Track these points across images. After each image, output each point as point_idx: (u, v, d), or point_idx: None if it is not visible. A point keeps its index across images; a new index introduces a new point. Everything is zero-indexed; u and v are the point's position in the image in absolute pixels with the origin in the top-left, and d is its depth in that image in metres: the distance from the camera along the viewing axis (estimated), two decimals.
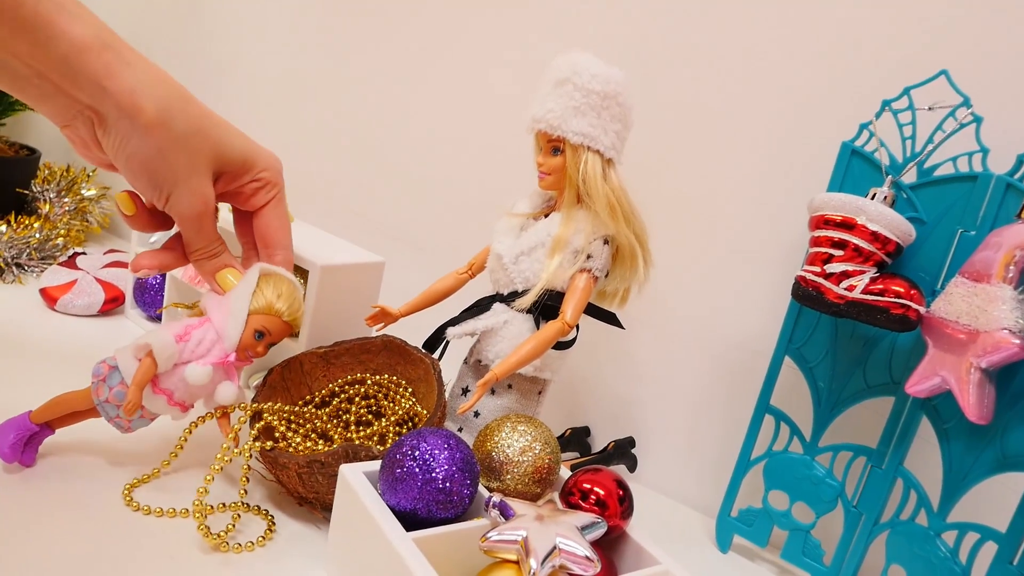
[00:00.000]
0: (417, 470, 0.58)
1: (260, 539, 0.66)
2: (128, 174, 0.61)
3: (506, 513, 0.59)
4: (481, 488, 0.64)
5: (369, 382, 0.82)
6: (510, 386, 0.78)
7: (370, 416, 0.83)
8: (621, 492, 0.63)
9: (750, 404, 0.86)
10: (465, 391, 0.81)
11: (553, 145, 0.74)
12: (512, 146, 1.02)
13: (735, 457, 0.85)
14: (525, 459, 0.65)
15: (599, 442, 0.99)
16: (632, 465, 0.95)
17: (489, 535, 0.55)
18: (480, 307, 0.79)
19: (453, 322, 0.79)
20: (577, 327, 0.75)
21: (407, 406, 0.81)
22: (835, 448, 0.78)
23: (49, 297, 1.06)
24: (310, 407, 0.81)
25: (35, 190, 1.28)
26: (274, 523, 0.69)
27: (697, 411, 0.94)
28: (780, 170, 0.86)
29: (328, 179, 1.21)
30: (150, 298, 1.06)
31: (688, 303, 0.93)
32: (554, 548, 0.54)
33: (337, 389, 0.83)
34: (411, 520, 0.59)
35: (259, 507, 0.71)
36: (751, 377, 0.87)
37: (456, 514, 0.60)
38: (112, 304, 1.09)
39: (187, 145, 0.61)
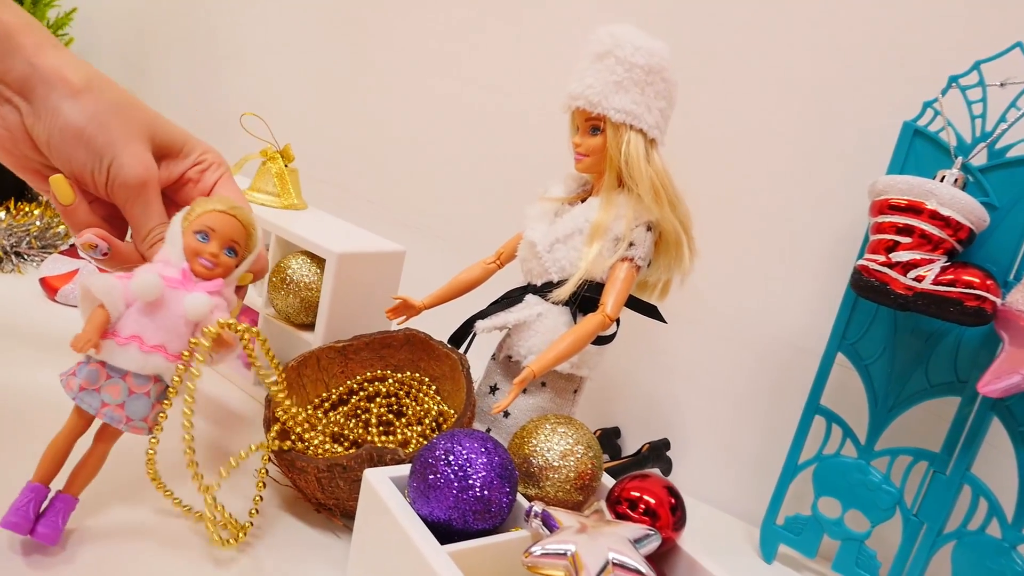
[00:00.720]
0: (452, 476, 0.53)
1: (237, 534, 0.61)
2: (64, 149, 0.58)
3: (549, 524, 0.53)
4: (519, 496, 0.58)
5: (390, 380, 0.76)
6: (544, 384, 0.72)
7: (390, 416, 0.77)
8: (673, 501, 0.57)
9: (795, 404, 0.81)
10: (494, 389, 0.75)
11: (592, 124, 0.68)
12: (536, 130, 0.96)
13: (779, 461, 0.80)
14: (567, 464, 0.60)
15: (630, 444, 0.93)
16: (667, 469, 0.90)
17: (533, 549, 0.50)
18: (511, 299, 0.73)
19: (482, 315, 0.74)
20: (617, 321, 0.70)
21: (431, 406, 0.75)
22: (893, 452, 0.73)
23: (49, 287, 1.01)
24: (325, 406, 0.76)
25: None
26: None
27: (737, 411, 0.88)
28: (827, 155, 0.81)
29: (341, 166, 1.16)
30: None
31: (727, 295, 0.87)
32: (607, 564, 0.49)
33: (355, 386, 0.78)
34: (444, 531, 0.53)
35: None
36: (795, 375, 0.82)
37: (493, 525, 0.55)
38: None
39: (120, 113, 0.59)
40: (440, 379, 0.77)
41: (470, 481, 0.53)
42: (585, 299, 0.70)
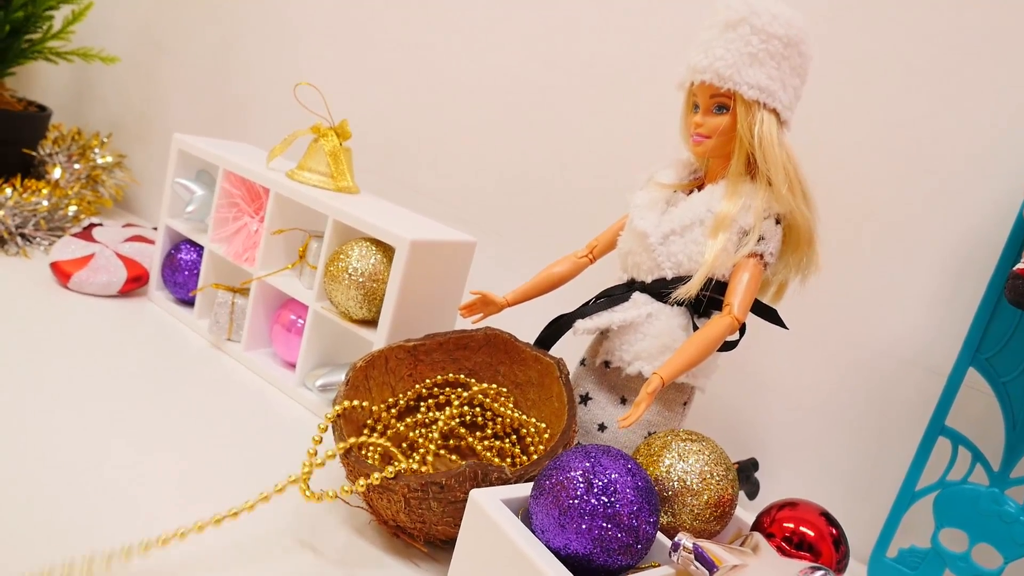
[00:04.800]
0: (596, 503, 0.44)
1: None
2: None
3: (705, 561, 0.45)
4: None
5: (475, 388, 0.67)
6: None
7: (462, 429, 0.68)
8: (834, 532, 0.49)
9: (906, 424, 0.74)
10: (585, 399, 0.67)
11: (718, 101, 0.60)
12: (607, 118, 0.88)
13: (888, 486, 0.72)
14: (705, 488, 0.51)
15: None
16: (753, 492, 0.81)
17: None
18: (613, 297, 0.65)
19: (581, 313, 0.65)
20: (744, 326, 0.61)
21: (513, 417, 0.66)
22: None
23: (61, 273, 0.90)
24: (392, 412, 0.67)
25: (43, 152, 1.11)
26: None
27: (835, 430, 0.80)
28: (953, 149, 0.73)
29: (388, 152, 1.06)
30: (182, 279, 0.91)
31: (827, 302, 0.79)
32: None
33: (425, 392, 0.69)
34: (577, 567, 0.45)
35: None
36: (906, 392, 0.74)
37: (636, 560, 0.46)
38: (135, 284, 0.93)
39: None
40: (525, 386, 0.68)
41: (617, 508, 0.44)
42: (701, 300, 0.62)
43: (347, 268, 0.71)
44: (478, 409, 0.69)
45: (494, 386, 0.68)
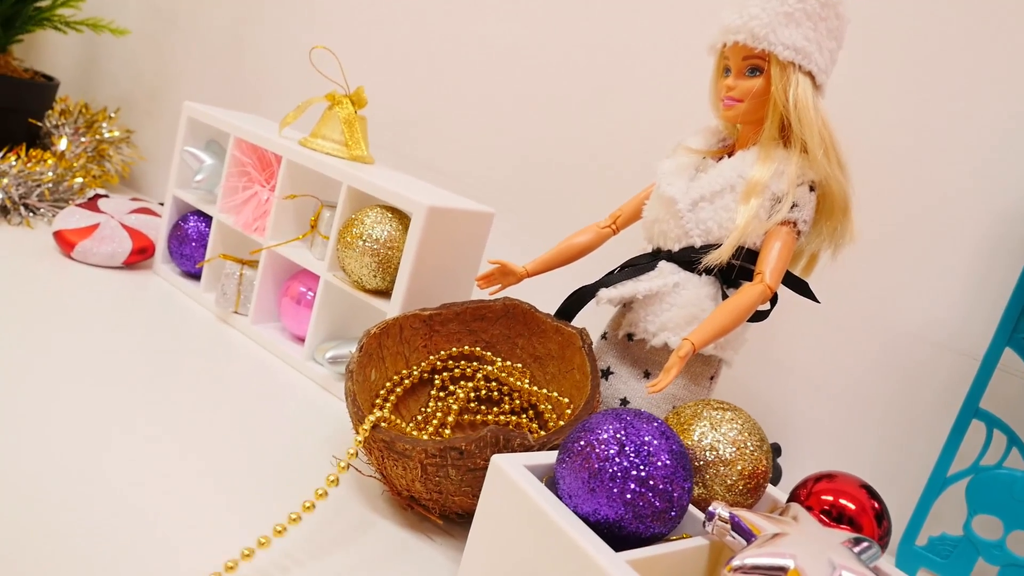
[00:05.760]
0: (628, 465, 0.42)
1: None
2: None
3: (742, 530, 0.42)
4: None
5: (498, 364, 0.65)
6: None
7: (474, 402, 0.66)
8: (877, 506, 0.47)
9: (935, 407, 0.71)
10: (607, 373, 0.64)
11: (751, 63, 0.58)
12: (621, 91, 0.86)
13: (916, 472, 0.70)
14: (739, 458, 0.49)
15: None
16: (776, 478, 0.79)
17: (740, 561, 0.39)
18: (638, 266, 0.62)
19: (604, 283, 0.62)
20: (775, 296, 0.59)
21: (534, 391, 0.64)
22: None
23: (65, 242, 0.88)
24: (406, 384, 0.64)
25: (49, 123, 1.09)
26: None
27: (861, 414, 0.77)
28: (977, 122, 0.71)
29: (401, 128, 1.04)
30: (189, 250, 0.88)
31: (852, 283, 0.77)
32: None
33: (440, 364, 0.66)
34: (607, 534, 0.42)
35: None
36: (936, 374, 0.72)
37: (670, 529, 0.44)
38: (140, 256, 0.91)
39: None
40: (544, 359, 0.65)
41: (651, 471, 0.42)
42: (731, 268, 0.59)
43: (361, 235, 0.69)
44: (494, 383, 0.66)
45: (511, 363, 0.66)
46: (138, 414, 0.59)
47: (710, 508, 0.43)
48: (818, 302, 0.63)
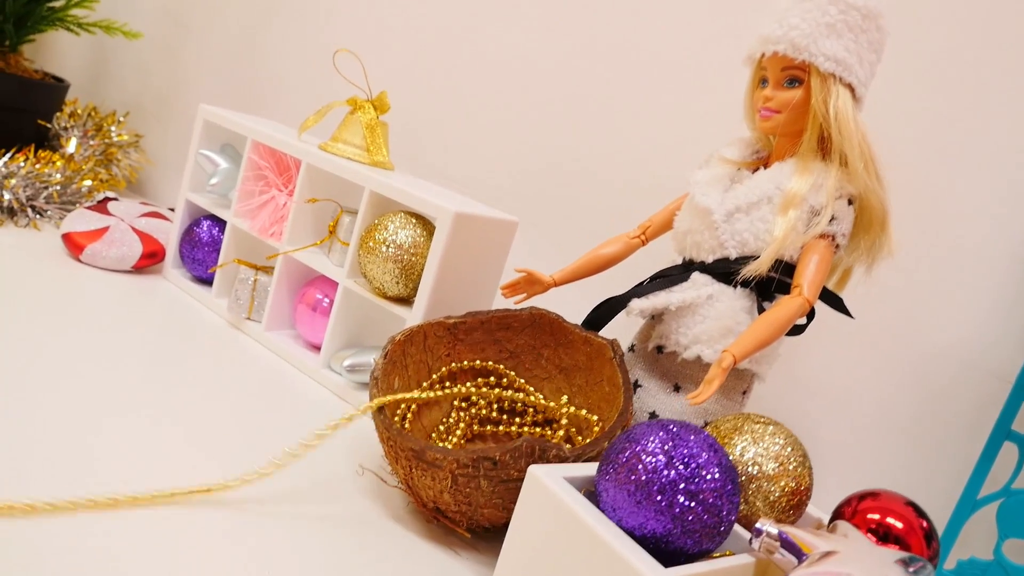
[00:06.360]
0: (677, 478, 0.40)
1: None
2: None
3: (793, 549, 0.41)
4: None
5: (513, 378, 0.64)
6: None
7: (495, 412, 0.64)
8: (925, 524, 0.45)
9: (965, 428, 0.70)
10: (635, 387, 0.63)
11: (790, 74, 0.57)
12: (647, 102, 0.85)
13: (946, 495, 0.68)
14: (782, 474, 0.47)
15: None
16: None
17: None
18: (669, 277, 0.61)
19: (636, 293, 0.61)
20: (812, 310, 0.58)
21: (552, 408, 0.62)
22: None
23: (74, 244, 0.86)
24: (429, 394, 0.63)
25: (58, 125, 1.08)
26: None
27: (885, 434, 0.76)
28: (1010, 138, 0.70)
29: (419, 136, 1.03)
30: (201, 255, 0.87)
31: (875, 299, 0.75)
32: None
33: (459, 372, 0.65)
34: (653, 550, 0.41)
35: None
36: (966, 395, 0.71)
37: (716, 546, 0.42)
38: (150, 260, 0.89)
39: None
40: (571, 370, 0.64)
41: (700, 485, 0.40)
42: (769, 281, 0.58)
43: (385, 240, 0.68)
44: (520, 395, 0.65)
45: (524, 382, 0.65)
46: (147, 421, 0.57)
47: (757, 525, 0.42)
48: (852, 317, 0.62)
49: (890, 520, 0.44)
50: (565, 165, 0.91)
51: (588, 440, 0.60)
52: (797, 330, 0.59)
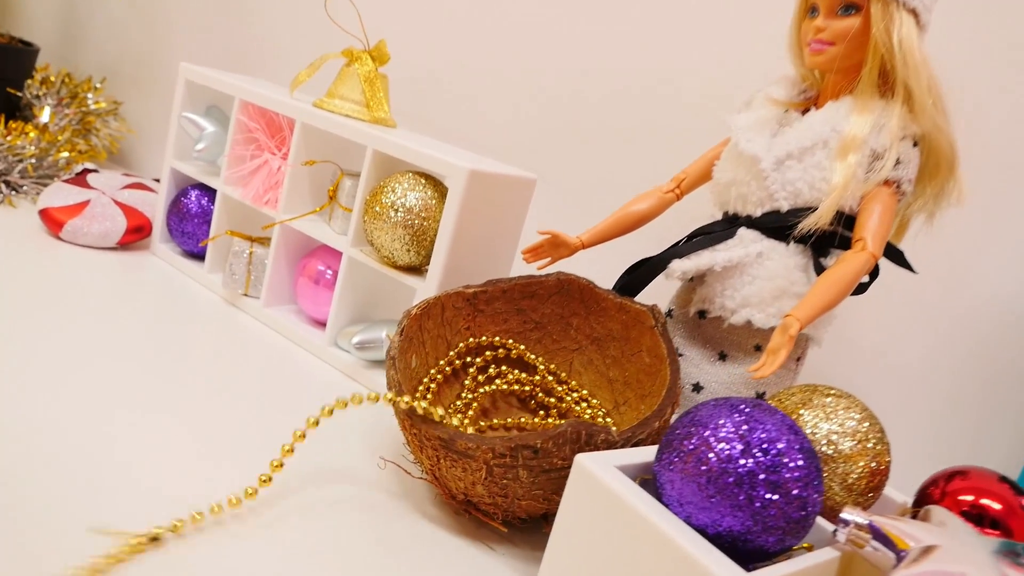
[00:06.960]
0: (755, 468, 0.35)
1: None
2: None
3: (883, 539, 0.35)
4: None
5: (541, 372, 0.58)
6: (758, 347, 0.54)
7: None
8: None
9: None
10: None
11: (846, 1, 0.51)
12: (672, 41, 0.78)
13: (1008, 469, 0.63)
14: (860, 453, 0.42)
15: None
16: None
17: None
18: (713, 234, 0.55)
19: (675, 253, 0.55)
20: (876, 267, 0.52)
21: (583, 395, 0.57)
22: None
23: (53, 221, 0.80)
24: (447, 371, 0.57)
25: (30, 93, 1.00)
26: None
27: (940, 404, 0.71)
28: None
29: (420, 89, 0.95)
30: (191, 228, 0.80)
31: (931, 257, 0.70)
32: None
33: (475, 345, 0.59)
34: (727, 550, 0.35)
35: None
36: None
37: (799, 542, 0.37)
38: (136, 235, 0.82)
39: None
40: (604, 340, 0.58)
41: (783, 475, 0.35)
42: (831, 236, 0.52)
43: (393, 204, 0.61)
44: (550, 379, 0.59)
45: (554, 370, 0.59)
46: (142, 406, 0.51)
47: (843, 514, 0.37)
48: (915, 272, 0.56)
49: (984, 501, 0.39)
50: (585, 114, 0.84)
51: (631, 422, 0.54)
52: (860, 288, 0.53)
